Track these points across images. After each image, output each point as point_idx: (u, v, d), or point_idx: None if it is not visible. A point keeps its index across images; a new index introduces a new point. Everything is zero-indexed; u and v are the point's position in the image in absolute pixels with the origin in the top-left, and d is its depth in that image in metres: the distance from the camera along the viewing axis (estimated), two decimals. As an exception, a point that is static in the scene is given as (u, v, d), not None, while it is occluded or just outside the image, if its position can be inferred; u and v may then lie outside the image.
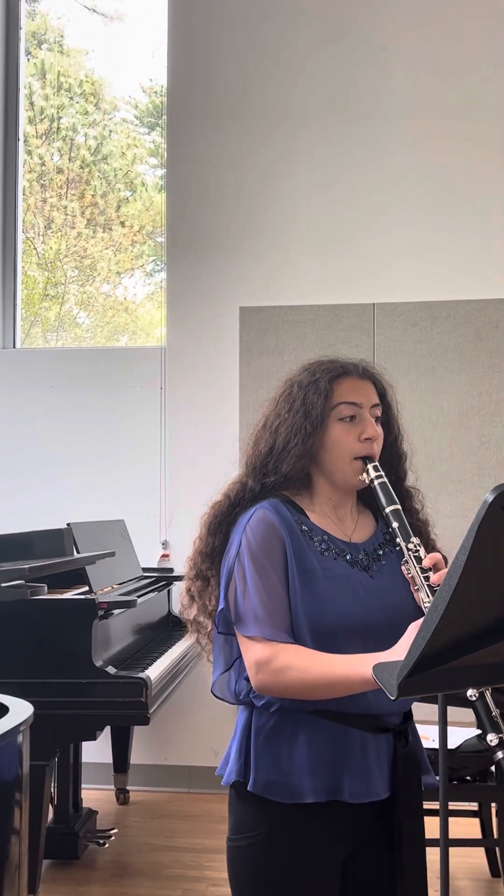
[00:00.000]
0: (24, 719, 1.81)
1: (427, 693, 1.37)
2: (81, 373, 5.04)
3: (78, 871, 3.69)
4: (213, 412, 4.85)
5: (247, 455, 1.80)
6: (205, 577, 1.75)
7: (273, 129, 4.92)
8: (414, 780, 1.71)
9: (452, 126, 4.77)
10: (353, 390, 1.74)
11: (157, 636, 4.28)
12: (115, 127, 10.83)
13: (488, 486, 4.76)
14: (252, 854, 1.67)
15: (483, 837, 3.63)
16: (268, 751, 1.66)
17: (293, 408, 1.73)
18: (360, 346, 4.69)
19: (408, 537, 1.64)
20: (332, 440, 1.72)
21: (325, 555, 1.69)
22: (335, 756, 1.64)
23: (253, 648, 1.62)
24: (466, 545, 1.19)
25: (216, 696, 1.78)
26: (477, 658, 1.29)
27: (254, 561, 1.65)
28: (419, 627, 1.25)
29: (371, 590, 1.69)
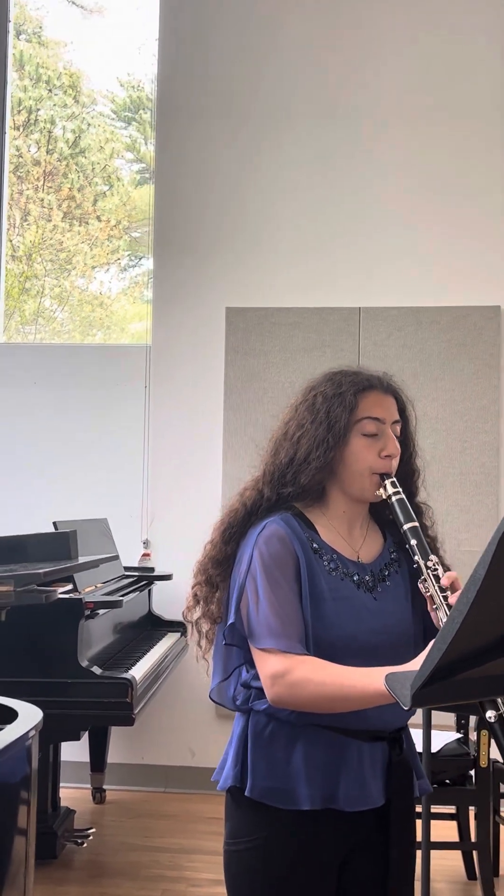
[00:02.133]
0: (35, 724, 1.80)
1: (440, 704, 1.38)
2: (65, 370, 5.02)
3: (56, 870, 3.67)
4: (197, 412, 4.85)
5: (265, 462, 1.78)
6: (213, 584, 1.74)
7: (261, 129, 4.93)
8: (408, 787, 1.73)
9: (441, 132, 4.81)
10: (377, 405, 1.73)
11: (138, 635, 4.28)
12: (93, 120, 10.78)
13: (470, 492, 4.81)
14: (250, 858, 1.68)
15: (460, 840, 3.67)
16: (265, 757, 1.67)
17: (316, 419, 1.72)
18: (345, 350, 4.71)
19: (426, 555, 1.64)
20: (352, 454, 1.71)
21: (332, 574, 1.69)
22: (331, 764, 1.66)
23: (268, 661, 1.61)
24: (486, 560, 1.20)
25: (214, 702, 1.78)
26: (490, 668, 1.31)
27: (266, 574, 1.65)
28: (435, 639, 1.26)
29: (374, 612, 1.69)
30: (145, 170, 10.69)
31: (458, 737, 3.60)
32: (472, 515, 4.57)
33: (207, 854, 3.88)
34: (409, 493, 1.76)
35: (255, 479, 1.79)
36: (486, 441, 4.63)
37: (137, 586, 4.25)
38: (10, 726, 1.78)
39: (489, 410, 4.64)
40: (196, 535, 5.11)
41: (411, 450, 1.82)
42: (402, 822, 1.72)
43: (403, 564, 1.79)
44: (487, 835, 3.38)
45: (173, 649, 4.23)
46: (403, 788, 1.72)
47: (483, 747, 3.36)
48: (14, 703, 1.94)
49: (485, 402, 4.65)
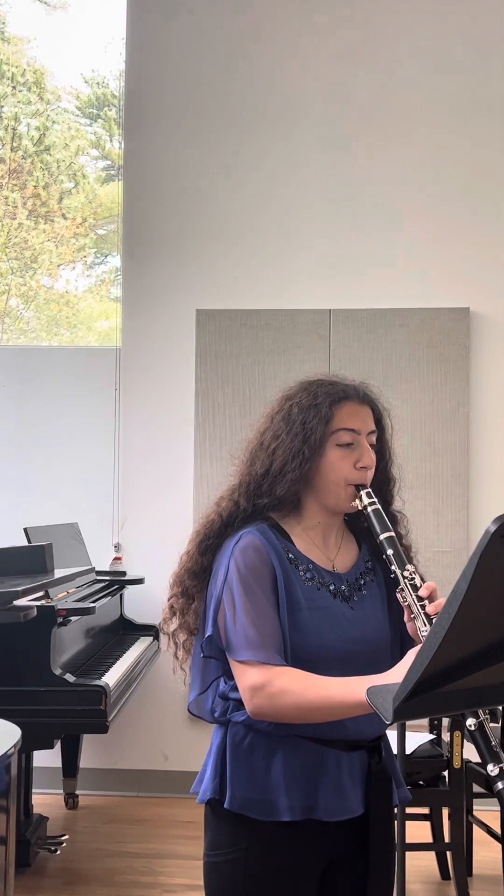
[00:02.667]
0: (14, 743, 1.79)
1: (421, 717, 1.39)
2: (33, 372, 4.97)
3: (30, 878, 3.64)
4: (168, 415, 4.83)
5: (241, 473, 1.77)
6: (190, 595, 1.73)
7: (231, 128, 4.92)
8: (387, 796, 1.73)
9: (410, 136, 4.82)
10: (352, 416, 1.72)
11: (110, 640, 4.26)
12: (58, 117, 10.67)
13: (441, 494, 4.84)
14: (230, 869, 1.68)
15: (434, 841, 3.69)
16: (244, 769, 1.67)
17: (292, 430, 1.71)
18: (316, 352, 4.72)
19: (403, 565, 1.64)
20: (328, 465, 1.71)
21: (309, 584, 1.69)
22: (311, 774, 1.66)
23: (247, 673, 1.61)
24: (468, 574, 1.20)
25: (192, 714, 1.77)
26: (471, 681, 1.31)
27: (243, 585, 1.64)
28: (417, 653, 1.26)
29: (351, 620, 1.70)
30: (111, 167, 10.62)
31: (431, 738, 3.62)
32: (443, 517, 4.60)
33: (181, 859, 3.87)
34: (384, 502, 1.76)
35: (230, 489, 1.78)
36: (456, 442, 4.66)
37: (109, 591, 4.22)
38: (-11, 745, 1.76)
39: (458, 412, 4.67)
40: (167, 538, 5.10)
41: (387, 458, 1.82)
42: (382, 830, 1.72)
43: (379, 573, 1.79)
44: (461, 835, 3.41)
45: (146, 654, 4.21)
46: (383, 797, 1.73)
47: (456, 748, 3.38)
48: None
49: (454, 404, 4.68)
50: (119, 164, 5.20)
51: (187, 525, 4.66)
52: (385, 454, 1.81)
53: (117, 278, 5.50)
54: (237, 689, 1.67)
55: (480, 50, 4.81)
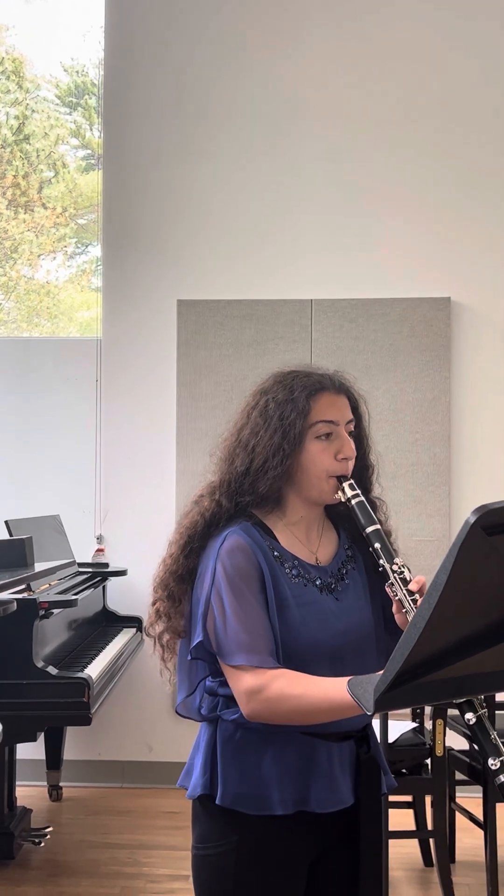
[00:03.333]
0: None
1: (403, 707, 1.39)
2: (13, 363, 4.94)
3: (14, 871, 3.64)
4: (149, 406, 4.82)
5: (221, 471, 1.75)
6: (175, 598, 1.71)
7: (213, 119, 4.89)
8: (376, 784, 1.74)
9: (390, 127, 4.82)
10: (330, 407, 1.71)
11: (93, 632, 4.25)
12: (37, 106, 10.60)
13: (421, 482, 4.85)
14: (220, 862, 1.68)
15: (417, 829, 3.72)
16: (234, 764, 1.67)
17: (270, 426, 1.69)
18: (297, 342, 4.71)
19: (391, 559, 1.63)
20: (308, 459, 1.70)
21: (295, 581, 1.69)
22: (302, 767, 1.66)
23: (242, 678, 1.60)
24: (447, 565, 1.21)
25: (181, 715, 1.76)
26: (451, 671, 1.32)
27: (231, 587, 1.63)
28: (398, 644, 1.27)
29: (337, 613, 1.70)
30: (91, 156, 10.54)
31: (413, 726, 3.64)
32: (424, 506, 4.61)
33: (166, 849, 3.88)
34: (364, 489, 1.75)
35: (210, 487, 1.76)
36: (437, 432, 4.67)
37: (91, 582, 4.21)
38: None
39: (440, 401, 4.68)
40: (150, 529, 5.11)
41: (365, 446, 1.81)
42: (372, 819, 1.73)
43: (359, 559, 1.80)
44: (443, 822, 3.43)
45: (129, 645, 4.21)
46: (372, 786, 1.73)
47: (439, 736, 3.40)
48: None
49: (435, 393, 4.69)
50: (99, 153, 5.16)
51: (170, 516, 4.66)
52: (363, 442, 1.81)
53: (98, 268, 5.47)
54: (225, 685, 1.66)
55: (466, 41, 4.80)
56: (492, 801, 3.43)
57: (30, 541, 2.87)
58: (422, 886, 3.55)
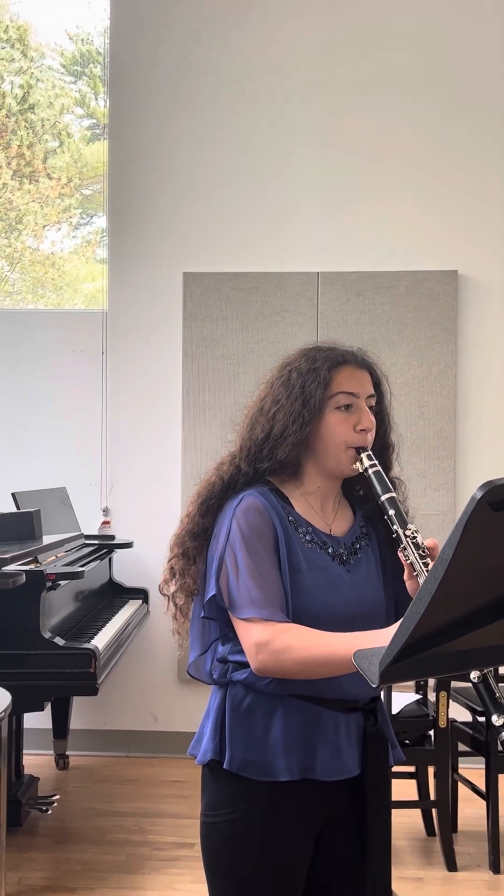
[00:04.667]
0: (3, 708, 1.80)
1: (407, 680, 1.40)
2: (19, 335, 4.94)
3: (21, 838, 3.70)
4: (155, 379, 4.82)
5: (241, 437, 1.79)
6: (190, 557, 1.74)
7: (220, 89, 4.85)
8: (382, 756, 1.76)
9: (398, 98, 4.77)
10: (351, 379, 1.74)
11: (99, 604, 4.28)
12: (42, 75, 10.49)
13: (427, 456, 4.85)
14: (228, 829, 1.70)
15: (420, 799, 3.76)
16: (243, 730, 1.69)
17: (291, 394, 1.73)
18: (303, 315, 4.70)
19: (405, 524, 1.65)
20: (328, 429, 1.73)
21: (308, 546, 1.72)
22: (309, 735, 1.68)
23: (251, 630, 1.63)
24: (454, 540, 1.21)
25: (192, 676, 1.79)
26: (456, 645, 1.33)
27: (246, 544, 1.66)
28: (403, 617, 1.27)
29: (349, 583, 1.72)
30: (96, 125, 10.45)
31: (417, 698, 3.67)
32: (430, 480, 4.62)
33: (171, 817, 3.93)
34: (383, 467, 1.77)
35: (231, 454, 1.80)
36: (443, 406, 4.67)
37: (98, 554, 4.23)
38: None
39: (446, 375, 4.68)
40: (156, 501, 5.12)
41: (386, 424, 1.84)
42: (378, 790, 1.75)
43: (373, 538, 1.82)
44: (446, 792, 3.47)
45: (135, 616, 4.24)
46: (378, 758, 1.75)
47: (442, 708, 3.43)
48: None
49: (441, 367, 4.68)
50: (104, 123, 5.12)
51: (175, 488, 4.68)
52: (384, 420, 1.83)
53: (103, 240, 5.44)
54: (236, 651, 1.69)
55: (471, 7, 4.74)
56: (494, 771, 3.47)
57: (38, 514, 2.89)
58: (424, 855, 3.59)
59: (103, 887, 3.30)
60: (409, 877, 3.39)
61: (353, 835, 1.74)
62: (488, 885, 3.35)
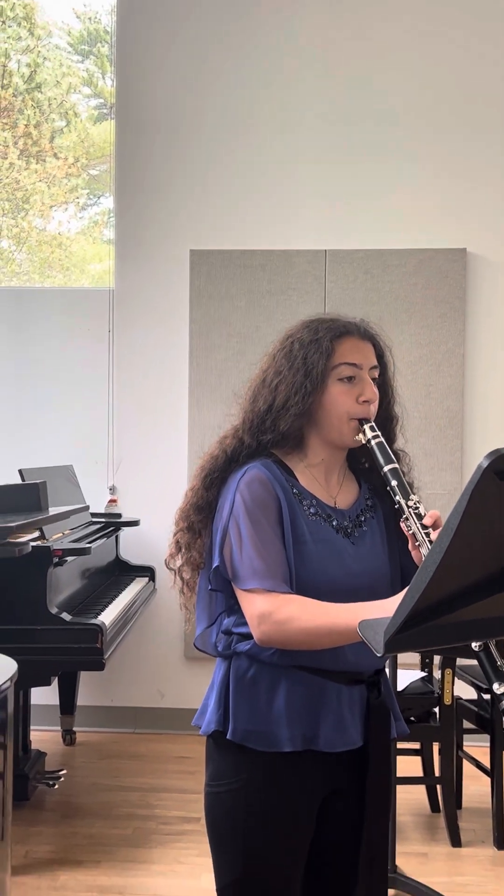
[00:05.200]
0: (10, 676, 1.81)
1: (412, 650, 1.40)
2: (27, 314, 4.93)
3: (28, 812, 3.73)
4: (162, 357, 4.81)
5: (244, 410, 1.79)
6: (195, 530, 1.75)
7: (227, 68, 4.81)
8: (385, 729, 1.77)
9: (406, 73, 4.73)
10: (353, 350, 1.74)
11: (105, 581, 4.30)
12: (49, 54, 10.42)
13: (434, 436, 4.85)
14: (232, 799, 1.72)
15: (425, 775, 3.77)
16: (246, 701, 1.70)
17: (293, 365, 1.73)
18: (311, 293, 4.68)
19: (407, 495, 1.66)
20: (330, 400, 1.72)
21: (312, 518, 1.72)
22: (312, 707, 1.69)
23: (254, 601, 1.63)
24: (459, 509, 1.21)
25: (198, 649, 1.80)
26: (461, 615, 1.33)
27: (249, 516, 1.66)
28: (408, 587, 1.28)
29: (353, 555, 1.72)
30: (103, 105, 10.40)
31: (422, 675, 3.68)
32: (437, 459, 4.61)
33: (177, 792, 3.96)
34: (387, 439, 1.77)
35: (234, 428, 1.79)
36: (451, 385, 4.65)
37: (104, 532, 4.25)
38: (-15, 678, 1.79)
39: (454, 354, 4.66)
40: (162, 479, 5.13)
41: (389, 396, 1.83)
42: (380, 762, 1.76)
43: (378, 511, 1.82)
44: (451, 769, 3.49)
45: (141, 594, 4.25)
46: (381, 730, 1.76)
47: (447, 685, 3.44)
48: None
49: (450, 346, 4.66)
50: (111, 102, 5.09)
51: (182, 467, 4.69)
52: (387, 391, 1.82)
53: (110, 220, 5.42)
54: (240, 623, 1.70)
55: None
56: (499, 748, 3.49)
57: (44, 485, 2.90)
58: (429, 831, 3.61)
59: (110, 860, 3.33)
60: (413, 852, 3.41)
61: (356, 806, 1.75)
62: (492, 860, 3.37)
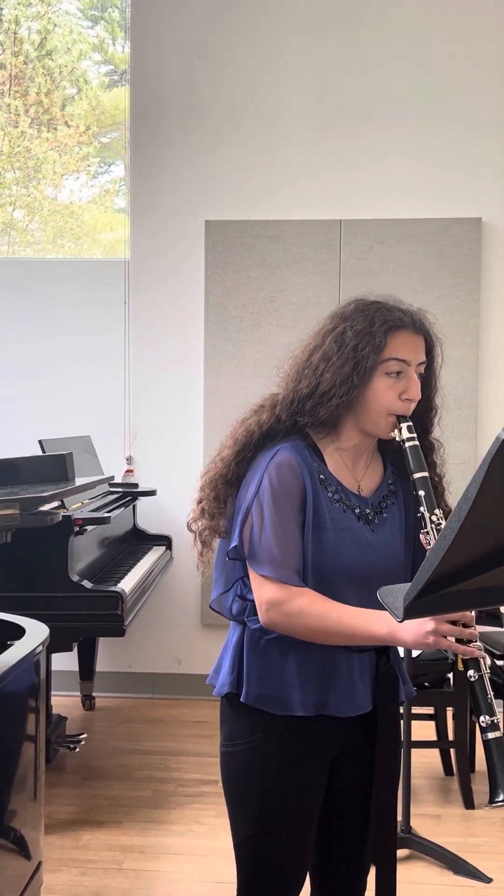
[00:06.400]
0: (42, 640, 1.87)
1: (431, 615, 1.45)
2: (42, 285, 4.96)
3: (50, 775, 3.81)
4: (177, 327, 4.84)
5: (286, 388, 1.77)
6: (221, 500, 1.76)
7: (242, 32, 4.78)
8: (394, 693, 1.82)
9: (423, 43, 4.70)
10: (405, 346, 1.71)
11: (123, 550, 4.36)
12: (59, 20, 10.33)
13: (449, 406, 4.85)
14: (245, 759, 1.77)
15: (438, 739, 3.84)
16: (259, 666, 1.75)
17: (342, 354, 1.70)
18: (326, 263, 4.69)
19: (432, 508, 1.67)
20: (373, 393, 1.71)
21: (336, 506, 1.74)
22: (323, 673, 1.74)
23: (265, 587, 1.68)
24: (478, 479, 1.25)
25: (213, 610, 1.85)
26: (478, 582, 1.37)
27: (274, 501, 1.68)
28: (427, 555, 1.32)
29: (372, 543, 1.75)
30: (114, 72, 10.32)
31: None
32: (452, 429, 4.63)
33: (194, 756, 4.04)
34: (423, 430, 1.78)
35: (273, 399, 1.79)
36: (466, 355, 4.67)
37: (122, 502, 4.30)
38: (19, 642, 1.84)
39: (469, 324, 4.67)
40: (178, 450, 5.17)
41: (432, 387, 1.82)
42: (389, 725, 1.81)
43: (400, 495, 1.84)
44: (464, 733, 3.55)
45: (159, 562, 4.32)
46: (390, 694, 1.81)
47: (461, 652, 3.49)
48: (21, 621, 2.00)
49: (464, 316, 4.67)
50: (122, 69, 5.07)
51: (198, 437, 4.73)
52: (431, 383, 1.81)
53: (121, 188, 5.42)
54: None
55: None
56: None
57: (70, 456, 2.95)
58: (442, 794, 3.69)
59: (130, 821, 3.42)
60: (427, 814, 3.48)
61: (365, 767, 1.81)
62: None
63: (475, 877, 2.99)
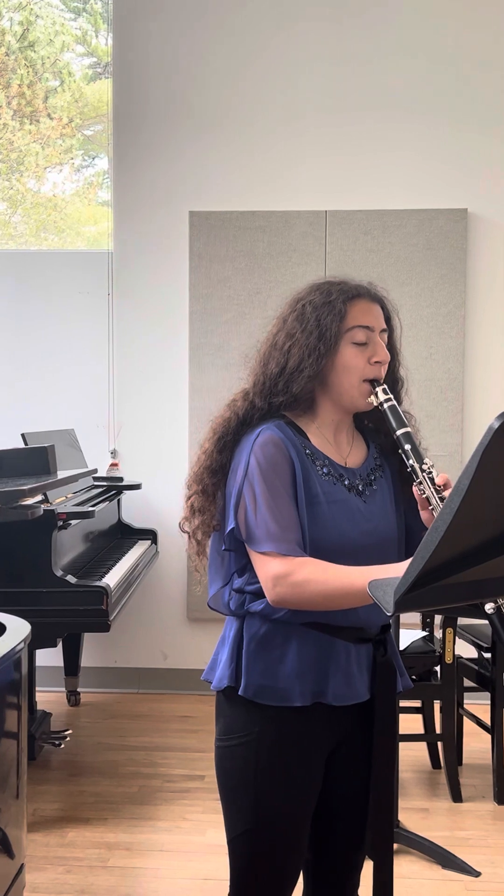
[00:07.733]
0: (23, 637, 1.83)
1: (422, 609, 1.42)
2: (23, 277, 4.90)
3: (35, 771, 3.78)
4: (161, 319, 4.80)
5: (255, 374, 1.79)
6: (209, 493, 1.76)
7: (226, 25, 4.74)
8: (391, 684, 1.81)
9: (407, 32, 4.67)
10: (366, 313, 1.75)
11: (108, 544, 4.32)
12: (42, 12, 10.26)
13: (435, 397, 4.85)
14: (241, 753, 1.76)
15: (426, 732, 3.83)
16: (259, 658, 1.73)
17: (306, 328, 1.73)
18: (311, 254, 4.66)
19: (420, 459, 1.68)
20: (343, 363, 1.73)
21: (326, 479, 1.74)
22: (322, 663, 1.73)
23: (268, 564, 1.66)
24: (470, 470, 1.22)
25: (211, 608, 1.83)
26: (470, 575, 1.34)
27: (264, 478, 1.68)
28: (418, 548, 1.29)
29: (365, 514, 1.75)
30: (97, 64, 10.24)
31: (423, 634, 3.72)
32: (438, 421, 4.62)
33: (181, 751, 4.01)
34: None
35: (243, 391, 1.80)
36: (452, 347, 4.65)
37: (107, 496, 4.26)
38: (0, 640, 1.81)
39: (455, 316, 4.65)
40: (163, 443, 5.14)
41: (396, 359, 1.85)
42: (386, 716, 1.80)
43: (387, 470, 1.84)
44: (452, 726, 3.54)
45: (144, 556, 4.28)
46: (387, 685, 1.80)
47: (448, 644, 3.48)
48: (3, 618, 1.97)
49: (450, 308, 4.65)
50: (105, 61, 5.02)
51: (183, 430, 4.69)
52: (394, 354, 1.84)
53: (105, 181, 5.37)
54: (252, 582, 1.72)
55: None
56: (499, 706, 3.53)
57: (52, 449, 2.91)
58: (430, 787, 3.67)
59: (116, 818, 3.39)
60: (415, 808, 3.47)
61: (363, 757, 1.79)
62: (492, 815, 3.43)
63: (464, 871, 2.98)
